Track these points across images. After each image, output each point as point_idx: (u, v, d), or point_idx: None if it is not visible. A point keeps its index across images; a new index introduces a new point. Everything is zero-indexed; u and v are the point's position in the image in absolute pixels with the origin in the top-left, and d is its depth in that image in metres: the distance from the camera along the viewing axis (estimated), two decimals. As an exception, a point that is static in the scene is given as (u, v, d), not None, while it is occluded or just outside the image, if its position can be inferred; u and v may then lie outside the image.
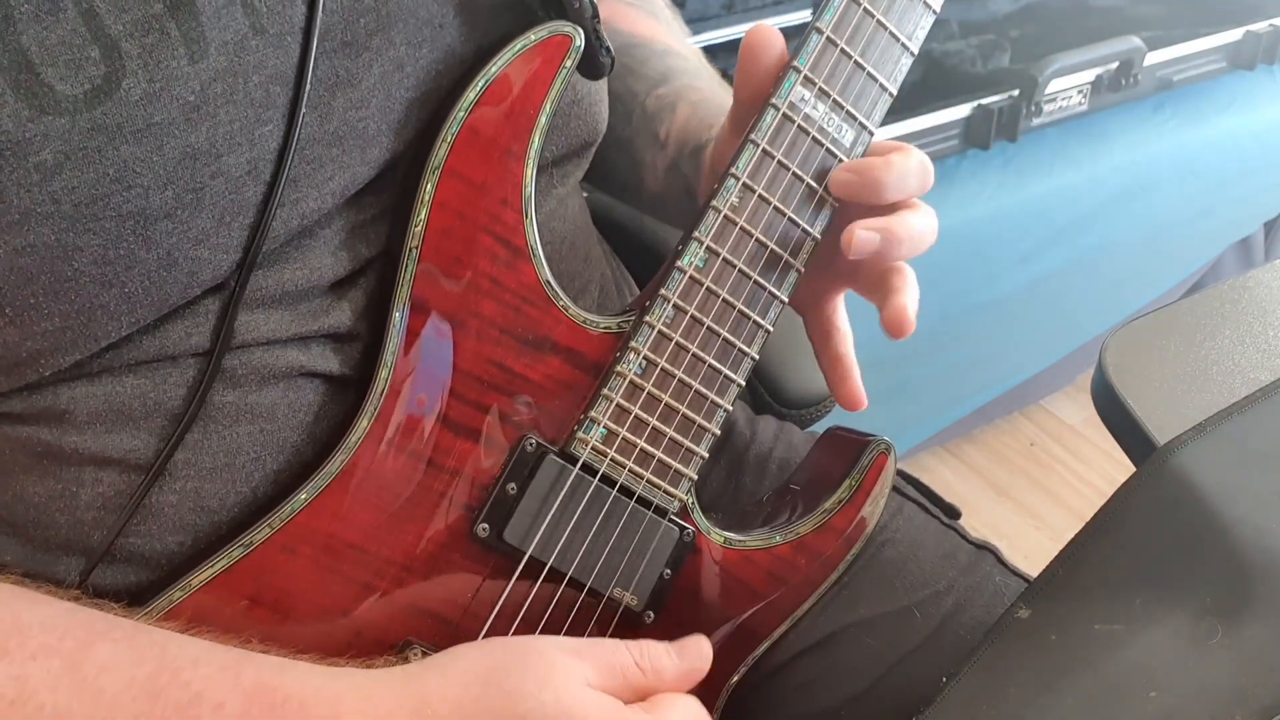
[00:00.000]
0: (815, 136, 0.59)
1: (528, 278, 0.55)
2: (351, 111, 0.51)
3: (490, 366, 0.55)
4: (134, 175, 0.45)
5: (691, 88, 0.73)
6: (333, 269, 0.53)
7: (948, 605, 0.70)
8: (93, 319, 0.47)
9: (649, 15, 0.79)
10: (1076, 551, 0.59)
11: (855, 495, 0.64)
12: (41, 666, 0.44)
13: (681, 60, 0.76)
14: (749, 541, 0.62)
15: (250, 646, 0.49)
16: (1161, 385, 0.68)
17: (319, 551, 0.52)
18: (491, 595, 0.56)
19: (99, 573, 0.51)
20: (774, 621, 0.64)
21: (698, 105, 0.71)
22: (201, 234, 0.48)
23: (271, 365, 0.52)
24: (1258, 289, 0.78)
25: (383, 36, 0.52)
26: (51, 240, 0.45)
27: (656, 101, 0.73)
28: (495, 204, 0.54)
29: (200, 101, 0.46)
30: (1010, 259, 1.55)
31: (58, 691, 0.44)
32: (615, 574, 0.58)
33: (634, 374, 0.57)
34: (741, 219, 0.58)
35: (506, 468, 0.55)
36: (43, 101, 0.43)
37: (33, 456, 0.50)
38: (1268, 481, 0.62)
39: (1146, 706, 0.53)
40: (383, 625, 0.54)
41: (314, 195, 0.51)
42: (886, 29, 0.60)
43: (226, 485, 0.52)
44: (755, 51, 0.59)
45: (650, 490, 0.58)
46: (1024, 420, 1.99)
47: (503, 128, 0.54)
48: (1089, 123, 1.60)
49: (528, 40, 0.53)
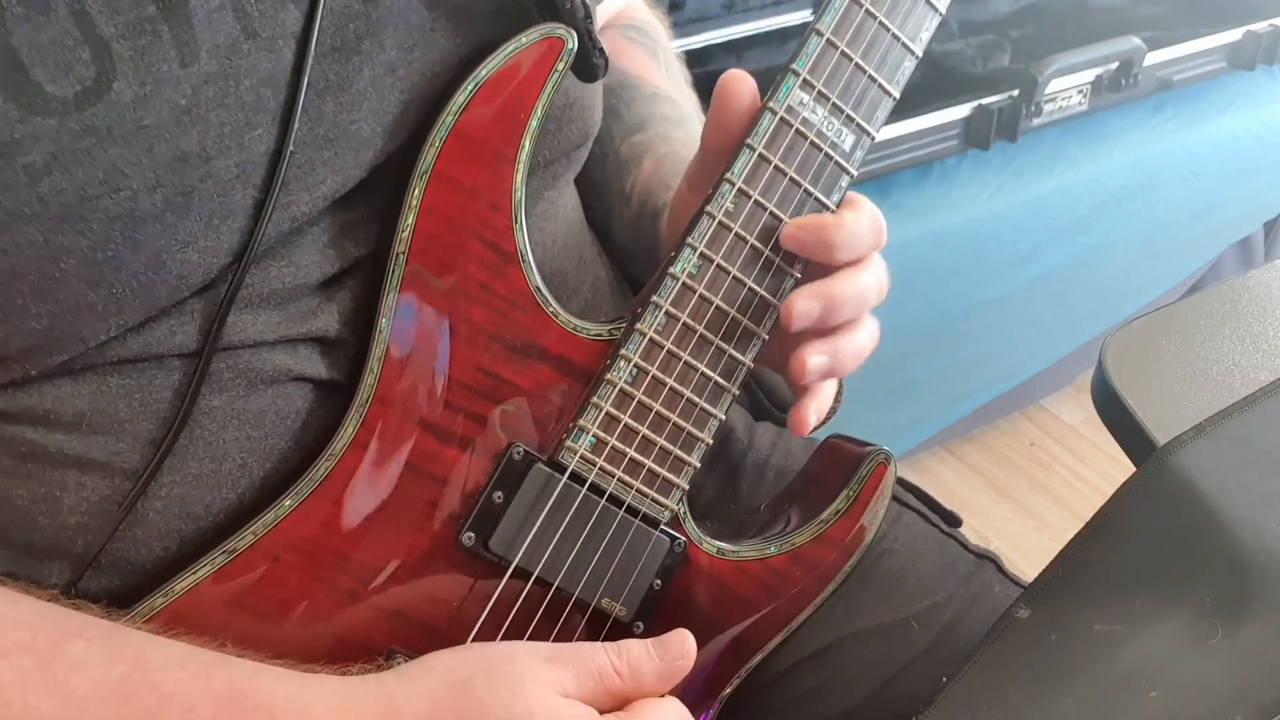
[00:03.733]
0: (814, 141, 0.57)
1: (517, 283, 0.55)
2: (343, 115, 0.51)
3: (478, 373, 0.54)
4: (123, 177, 0.45)
5: (664, 138, 0.72)
6: (320, 267, 0.53)
7: (947, 616, 0.70)
8: (79, 319, 0.47)
9: (648, 54, 0.78)
10: (1076, 552, 0.59)
11: (853, 506, 0.63)
12: (13, 664, 0.44)
13: (667, 105, 0.75)
14: (743, 552, 0.62)
15: (229, 651, 0.49)
16: (1161, 385, 0.68)
17: (303, 558, 0.52)
18: (477, 604, 0.56)
19: (82, 578, 0.51)
20: (768, 633, 0.63)
21: (663, 160, 0.70)
22: (190, 237, 0.48)
23: (259, 369, 0.52)
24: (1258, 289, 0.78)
25: (373, 40, 0.51)
26: (39, 241, 0.45)
27: (629, 149, 0.72)
28: (484, 208, 0.53)
29: (191, 105, 0.46)
30: (1010, 259, 1.55)
31: (27, 690, 0.44)
32: (603, 584, 0.58)
33: (624, 382, 0.56)
34: (736, 225, 0.57)
35: (493, 476, 0.55)
36: (32, 102, 0.43)
37: (16, 458, 0.50)
38: (1268, 481, 0.62)
39: (1146, 706, 0.53)
40: (367, 633, 0.54)
41: (305, 199, 0.51)
42: (889, 31, 0.58)
43: (212, 491, 0.52)
44: (727, 98, 0.57)
45: (640, 500, 0.58)
46: (1024, 420, 1.98)
47: (492, 131, 0.53)
48: (1089, 123, 1.60)
49: (519, 43, 0.53)
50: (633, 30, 0.79)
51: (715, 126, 0.58)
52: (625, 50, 0.77)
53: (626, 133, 0.73)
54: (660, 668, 0.52)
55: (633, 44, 0.78)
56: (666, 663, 0.52)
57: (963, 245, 1.48)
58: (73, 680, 0.44)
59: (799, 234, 0.57)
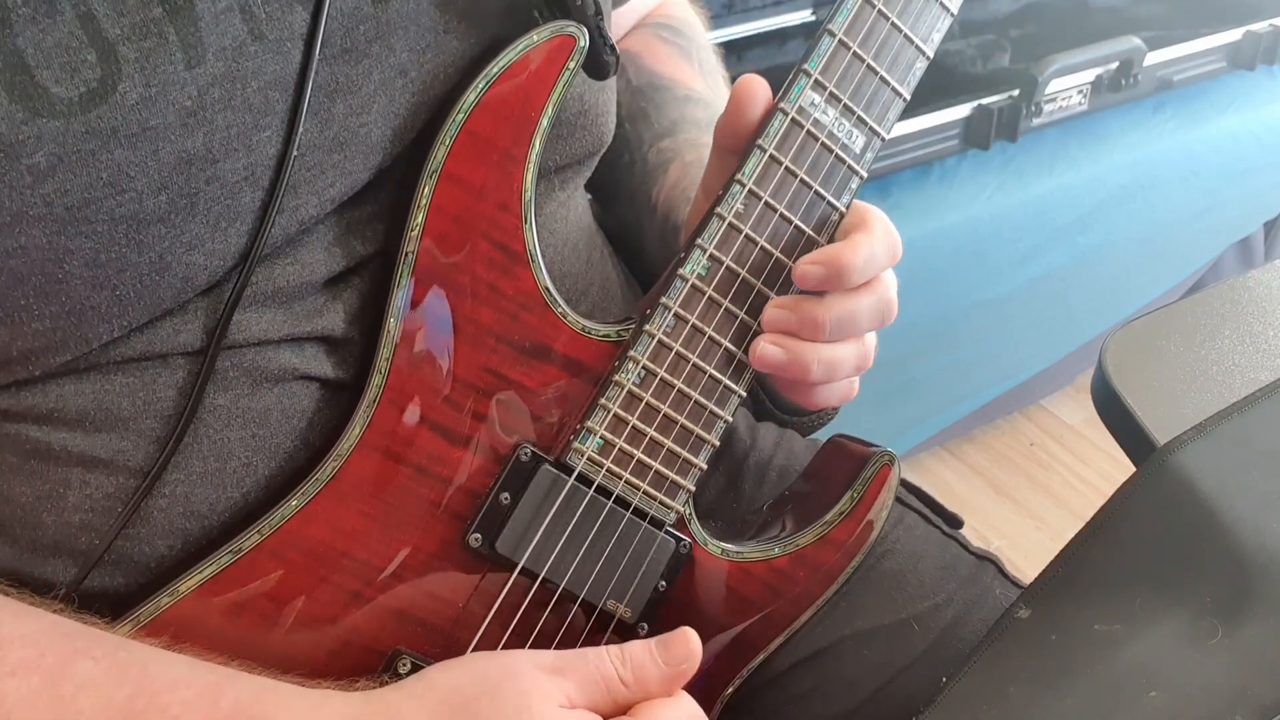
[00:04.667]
0: (825, 142, 0.57)
1: (526, 284, 0.55)
2: (352, 118, 0.51)
3: (485, 374, 0.54)
4: (128, 179, 0.45)
5: (693, 144, 0.71)
6: (326, 265, 0.53)
7: (947, 618, 0.70)
8: (83, 321, 0.47)
9: (680, 54, 0.77)
10: (1076, 552, 0.59)
11: (856, 508, 0.63)
12: (20, 683, 0.44)
13: (699, 108, 0.74)
14: (747, 553, 0.62)
15: (237, 663, 0.49)
16: (1161, 385, 0.68)
17: (309, 559, 0.52)
18: (483, 606, 0.56)
19: (86, 576, 0.51)
20: (771, 633, 0.63)
21: (689, 167, 0.69)
22: (195, 239, 0.48)
23: (264, 368, 0.52)
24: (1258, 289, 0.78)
25: (382, 43, 0.51)
26: (43, 242, 0.45)
27: (657, 155, 0.71)
28: (493, 208, 0.53)
29: (197, 107, 0.46)
30: (1010, 259, 1.55)
31: (35, 709, 0.43)
32: (609, 586, 0.58)
33: (632, 383, 0.56)
34: (746, 226, 0.56)
35: (500, 477, 0.55)
36: (37, 104, 0.43)
37: (20, 455, 0.50)
38: (1268, 481, 0.62)
39: (1146, 706, 0.53)
40: (372, 634, 0.54)
41: (313, 202, 0.51)
42: (901, 31, 0.58)
43: (217, 490, 0.52)
44: (742, 101, 0.56)
45: (646, 501, 0.58)
46: (1024, 420, 1.98)
47: (502, 130, 0.53)
48: (1089, 123, 1.60)
49: (530, 41, 0.53)
50: (666, 29, 0.78)
51: (727, 128, 0.58)
52: (657, 51, 0.76)
53: (656, 137, 0.72)
54: (665, 672, 0.52)
55: (665, 44, 0.77)
56: (671, 666, 0.52)
57: (963, 245, 1.48)
58: (80, 701, 0.44)
59: (816, 271, 0.56)
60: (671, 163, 0.70)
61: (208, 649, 0.49)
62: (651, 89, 0.74)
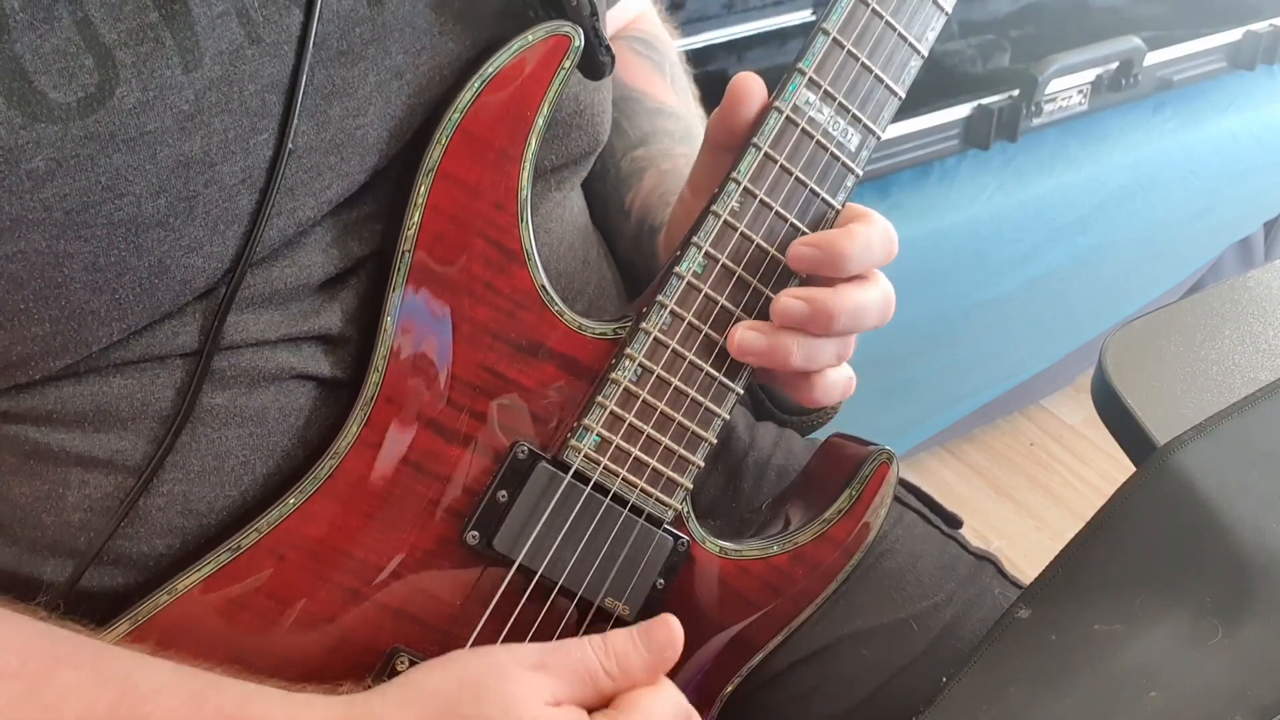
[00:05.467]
0: (820, 140, 0.57)
1: (522, 282, 0.55)
2: (348, 120, 0.51)
3: (483, 372, 0.54)
4: (126, 183, 0.45)
5: (667, 154, 0.71)
6: (323, 267, 0.53)
7: (946, 617, 0.70)
8: (83, 324, 0.47)
9: (653, 68, 0.78)
10: (1076, 552, 0.59)
11: (855, 506, 0.63)
12: (3, 690, 0.44)
13: (671, 121, 0.74)
14: (745, 551, 0.62)
15: (234, 663, 0.49)
16: (1161, 385, 0.68)
17: (307, 557, 0.52)
18: (480, 603, 0.56)
19: (85, 575, 0.51)
20: (770, 632, 0.63)
21: (665, 175, 0.70)
22: (194, 242, 0.48)
23: (261, 367, 0.52)
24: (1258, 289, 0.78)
25: (378, 46, 0.51)
26: (42, 247, 0.45)
27: (630, 164, 0.72)
28: (489, 207, 0.53)
29: (194, 110, 0.46)
30: (1010, 259, 1.55)
31: (17, 717, 0.43)
32: (606, 583, 0.58)
33: (629, 381, 0.56)
34: (742, 224, 0.57)
35: (497, 475, 0.55)
36: (35, 109, 0.43)
37: (20, 456, 0.50)
38: (1268, 481, 0.62)
39: (1146, 706, 0.53)
40: (370, 632, 0.54)
41: (310, 204, 0.51)
42: (895, 30, 0.58)
43: (215, 489, 0.52)
44: (737, 98, 0.56)
45: (644, 499, 0.58)
46: (1024, 420, 1.98)
47: (498, 130, 0.53)
48: (1089, 123, 1.60)
49: (525, 40, 0.53)
50: (640, 43, 0.79)
51: (721, 126, 0.58)
52: (631, 64, 0.76)
53: (628, 147, 0.72)
54: (647, 660, 0.52)
55: (639, 57, 0.77)
56: (654, 653, 0.52)
57: (963, 245, 1.48)
58: (62, 709, 0.44)
59: (810, 252, 0.56)
60: (646, 170, 0.71)
61: (206, 647, 0.49)
62: (624, 100, 0.74)
